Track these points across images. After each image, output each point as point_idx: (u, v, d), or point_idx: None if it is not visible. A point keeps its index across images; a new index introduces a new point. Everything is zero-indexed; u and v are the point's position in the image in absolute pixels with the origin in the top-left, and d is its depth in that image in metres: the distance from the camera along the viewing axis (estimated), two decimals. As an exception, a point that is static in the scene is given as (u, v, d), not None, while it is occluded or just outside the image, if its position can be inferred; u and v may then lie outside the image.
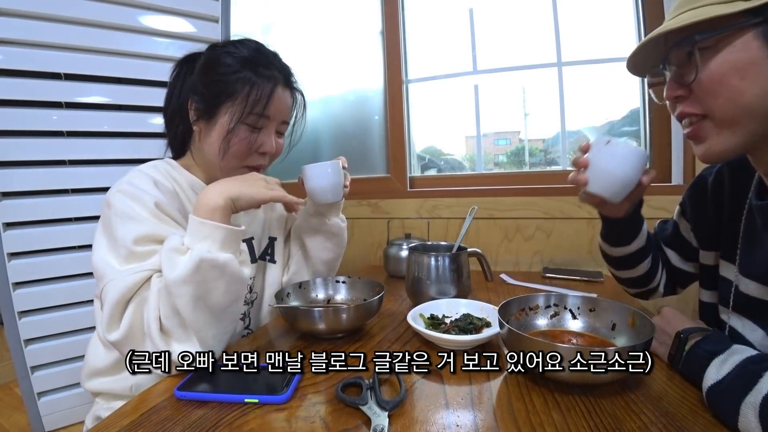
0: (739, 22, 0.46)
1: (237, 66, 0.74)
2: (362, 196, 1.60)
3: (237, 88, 0.74)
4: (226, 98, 0.74)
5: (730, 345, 0.49)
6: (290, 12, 1.81)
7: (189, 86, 0.78)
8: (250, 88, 0.74)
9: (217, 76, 0.74)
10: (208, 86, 0.75)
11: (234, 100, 0.74)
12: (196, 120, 0.77)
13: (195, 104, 0.77)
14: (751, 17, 0.45)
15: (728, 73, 0.47)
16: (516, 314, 0.67)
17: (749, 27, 0.46)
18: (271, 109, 0.76)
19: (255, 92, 0.74)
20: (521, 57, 1.51)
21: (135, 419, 0.49)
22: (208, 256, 0.59)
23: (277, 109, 0.78)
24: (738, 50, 0.47)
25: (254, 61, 0.76)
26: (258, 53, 0.78)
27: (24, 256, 1.17)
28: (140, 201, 0.67)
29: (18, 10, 1.11)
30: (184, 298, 0.58)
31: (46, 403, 1.22)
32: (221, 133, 0.74)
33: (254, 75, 0.74)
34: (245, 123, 0.75)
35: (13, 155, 1.15)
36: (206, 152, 0.78)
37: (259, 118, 0.76)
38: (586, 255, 1.32)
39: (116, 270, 0.61)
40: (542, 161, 1.61)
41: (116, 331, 0.59)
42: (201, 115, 0.76)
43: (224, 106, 0.74)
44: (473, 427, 0.46)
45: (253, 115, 0.75)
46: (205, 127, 0.77)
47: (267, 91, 0.75)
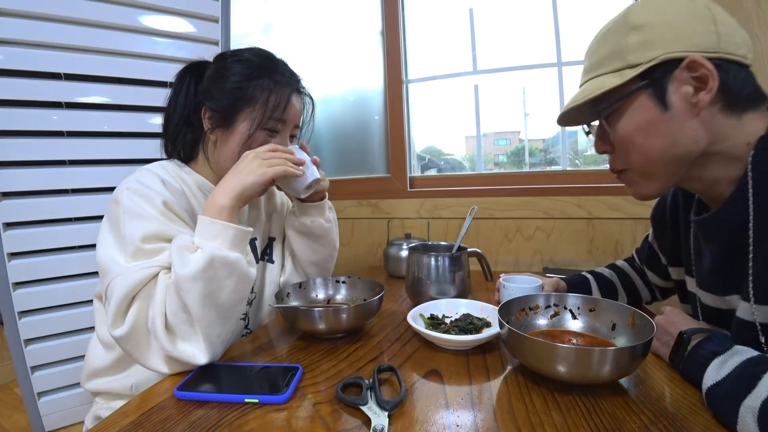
0: (631, 89, 0.51)
1: (253, 73, 0.76)
2: (362, 196, 1.60)
3: (256, 95, 0.75)
4: (245, 105, 0.75)
5: (731, 345, 0.49)
6: (290, 12, 1.81)
7: (201, 94, 0.78)
8: (269, 93, 0.75)
9: (234, 84, 0.75)
10: (226, 94, 0.75)
11: (253, 106, 0.75)
12: (212, 128, 0.77)
13: (210, 113, 0.77)
14: (639, 81, 0.51)
15: (633, 134, 0.53)
16: (516, 314, 0.67)
17: (640, 90, 0.51)
18: (288, 114, 0.77)
19: (274, 98, 0.75)
20: (521, 57, 1.51)
21: (135, 419, 0.49)
22: (219, 253, 0.60)
23: (293, 113, 0.79)
24: (637, 112, 0.52)
25: (269, 68, 0.77)
26: (270, 61, 0.79)
27: (24, 256, 1.17)
28: (149, 199, 0.67)
29: (18, 10, 1.11)
30: (194, 294, 0.58)
31: (46, 403, 1.22)
32: (241, 140, 0.75)
33: (272, 82, 0.76)
34: (265, 128, 0.76)
35: (13, 155, 1.14)
36: (224, 158, 0.77)
37: (277, 123, 0.77)
38: (586, 255, 1.32)
39: (122, 266, 0.61)
40: (542, 161, 1.61)
41: (121, 327, 0.59)
42: (218, 124, 0.76)
43: (243, 113, 0.75)
44: (473, 427, 0.46)
45: (272, 120, 0.76)
46: (222, 135, 0.77)
47: (285, 96, 0.76)
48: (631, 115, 0.53)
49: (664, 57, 0.49)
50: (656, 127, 0.51)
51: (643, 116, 0.52)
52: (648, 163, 0.54)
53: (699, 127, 0.50)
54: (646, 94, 0.51)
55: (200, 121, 0.78)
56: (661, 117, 0.51)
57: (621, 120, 0.54)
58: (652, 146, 0.52)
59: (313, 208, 0.89)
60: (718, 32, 0.48)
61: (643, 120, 0.52)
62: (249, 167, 0.70)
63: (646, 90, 0.51)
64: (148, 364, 0.61)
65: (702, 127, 0.50)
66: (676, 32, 0.49)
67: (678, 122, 0.50)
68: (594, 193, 1.30)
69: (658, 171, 0.54)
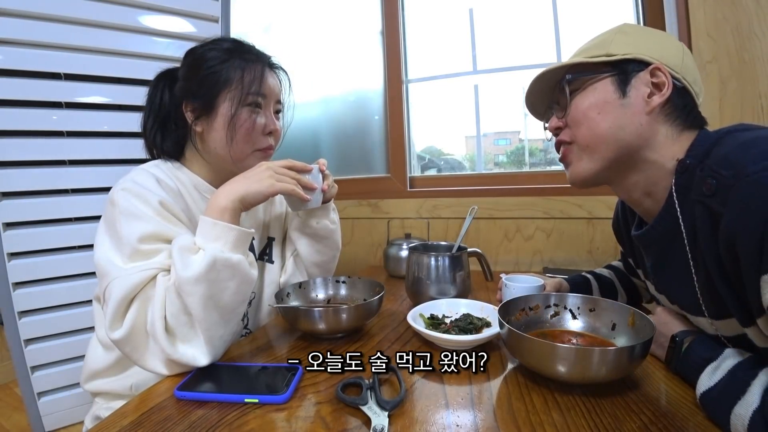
0: (600, 71, 0.59)
1: (224, 56, 0.77)
2: (362, 196, 1.60)
3: (231, 74, 0.76)
4: (222, 87, 0.76)
5: (724, 349, 0.51)
6: (290, 12, 1.81)
7: (179, 92, 0.79)
8: (242, 71, 0.76)
9: (208, 70, 0.76)
10: (201, 82, 0.76)
11: (230, 86, 0.76)
12: (196, 120, 0.78)
13: (191, 105, 0.77)
14: (610, 69, 0.59)
15: (589, 108, 0.59)
16: (516, 314, 0.67)
17: (607, 75, 0.59)
18: (265, 87, 0.78)
19: (248, 74, 0.76)
20: (521, 57, 1.51)
21: (135, 419, 0.49)
22: (222, 255, 0.60)
23: (271, 88, 0.80)
24: (598, 92, 0.59)
25: (237, 50, 0.78)
26: (237, 43, 0.81)
27: (24, 256, 1.17)
28: (145, 199, 0.67)
29: (18, 10, 1.11)
30: (196, 296, 0.58)
31: (46, 403, 1.22)
32: (225, 121, 0.75)
33: (242, 61, 0.77)
34: (246, 105, 0.76)
35: (13, 155, 1.14)
36: (213, 146, 0.78)
37: (257, 97, 0.77)
38: (586, 255, 1.32)
39: (120, 268, 0.61)
40: (542, 161, 1.61)
41: (119, 329, 0.59)
42: (200, 113, 0.77)
43: (222, 95, 0.76)
44: (473, 427, 0.46)
45: (251, 94, 0.76)
46: (206, 122, 0.77)
47: (259, 71, 0.77)
48: (592, 92, 0.59)
49: (637, 56, 0.57)
50: (610, 107, 0.58)
51: (603, 96, 0.59)
52: (594, 137, 0.59)
53: (645, 123, 0.56)
54: (611, 80, 0.58)
55: (183, 117, 0.78)
56: (617, 101, 0.58)
57: (582, 95, 0.60)
58: (602, 122, 0.58)
59: (319, 210, 0.89)
60: (684, 62, 0.58)
61: (600, 98, 0.59)
62: (258, 176, 0.70)
63: (613, 76, 0.58)
64: (147, 366, 0.61)
65: (647, 126, 0.56)
66: (652, 45, 0.58)
67: (630, 112, 0.57)
68: (594, 193, 1.30)
69: (599, 149, 0.59)
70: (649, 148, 0.57)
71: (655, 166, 0.57)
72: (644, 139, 0.57)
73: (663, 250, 0.60)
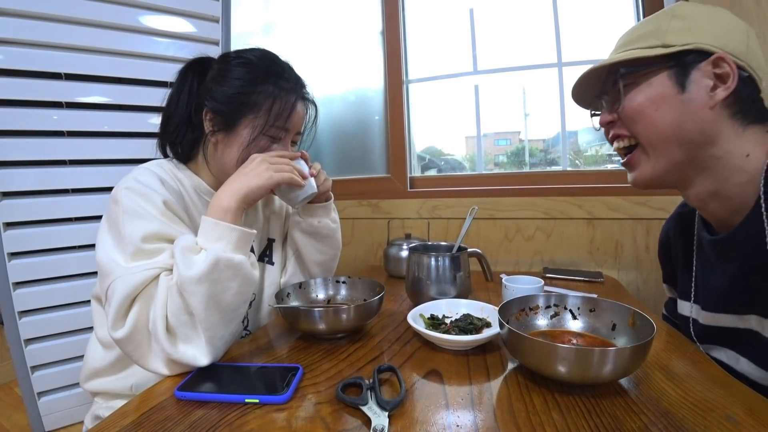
0: (656, 64, 0.54)
1: (258, 78, 0.75)
2: (362, 196, 1.60)
3: (260, 101, 0.74)
4: (248, 111, 0.74)
5: None
6: (290, 12, 1.81)
7: (203, 95, 0.77)
8: (273, 101, 0.74)
9: (237, 88, 0.74)
10: (229, 99, 0.74)
11: (257, 113, 0.74)
12: (214, 131, 0.76)
13: (211, 115, 0.76)
14: (667, 60, 0.54)
15: (645, 104, 0.55)
16: (516, 314, 0.67)
17: (664, 68, 0.54)
18: (291, 122, 0.77)
19: (278, 106, 0.75)
20: (521, 57, 1.51)
21: (135, 419, 0.49)
22: (224, 255, 0.60)
23: (296, 121, 0.79)
24: (654, 87, 0.55)
25: (273, 74, 0.76)
26: (275, 65, 0.78)
27: (24, 256, 1.17)
28: (149, 199, 0.66)
29: (18, 10, 1.11)
30: (198, 296, 0.58)
31: (46, 403, 1.22)
32: (241, 145, 0.75)
33: (276, 88, 0.75)
34: (266, 135, 0.75)
35: (13, 155, 1.14)
36: (224, 163, 0.77)
37: (279, 131, 0.77)
38: (586, 255, 1.32)
39: (123, 267, 0.61)
40: (542, 161, 1.61)
41: (121, 329, 0.59)
42: (220, 127, 0.76)
43: (246, 119, 0.74)
44: (473, 427, 0.46)
45: (275, 127, 0.75)
46: (223, 138, 0.76)
47: (290, 104, 0.76)
48: (648, 87, 0.55)
49: (698, 45, 0.52)
50: (669, 102, 0.53)
51: (660, 91, 0.54)
52: (654, 134, 0.55)
53: (708, 120, 0.52)
54: (669, 73, 0.53)
55: (201, 121, 0.77)
56: (676, 96, 0.53)
57: (636, 90, 0.56)
58: (662, 119, 0.54)
59: (320, 209, 0.89)
60: (749, 46, 0.52)
61: (657, 93, 0.54)
62: (255, 170, 0.69)
63: (670, 70, 0.53)
64: (148, 365, 0.61)
65: (710, 122, 0.52)
66: (714, 30, 0.52)
67: (690, 107, 0.52)
68: (594, 193, 1.30)
69: (662, 147, 0.55)
70: (713, 145, 0.53)
71: (720, 163, 0.53)
72: (708, 137, 0.53)
73: (740, 252, 0.55)
